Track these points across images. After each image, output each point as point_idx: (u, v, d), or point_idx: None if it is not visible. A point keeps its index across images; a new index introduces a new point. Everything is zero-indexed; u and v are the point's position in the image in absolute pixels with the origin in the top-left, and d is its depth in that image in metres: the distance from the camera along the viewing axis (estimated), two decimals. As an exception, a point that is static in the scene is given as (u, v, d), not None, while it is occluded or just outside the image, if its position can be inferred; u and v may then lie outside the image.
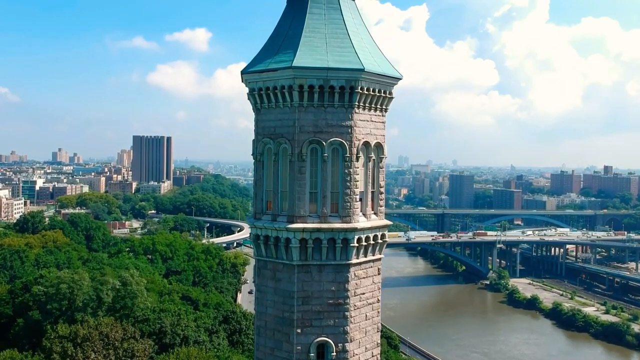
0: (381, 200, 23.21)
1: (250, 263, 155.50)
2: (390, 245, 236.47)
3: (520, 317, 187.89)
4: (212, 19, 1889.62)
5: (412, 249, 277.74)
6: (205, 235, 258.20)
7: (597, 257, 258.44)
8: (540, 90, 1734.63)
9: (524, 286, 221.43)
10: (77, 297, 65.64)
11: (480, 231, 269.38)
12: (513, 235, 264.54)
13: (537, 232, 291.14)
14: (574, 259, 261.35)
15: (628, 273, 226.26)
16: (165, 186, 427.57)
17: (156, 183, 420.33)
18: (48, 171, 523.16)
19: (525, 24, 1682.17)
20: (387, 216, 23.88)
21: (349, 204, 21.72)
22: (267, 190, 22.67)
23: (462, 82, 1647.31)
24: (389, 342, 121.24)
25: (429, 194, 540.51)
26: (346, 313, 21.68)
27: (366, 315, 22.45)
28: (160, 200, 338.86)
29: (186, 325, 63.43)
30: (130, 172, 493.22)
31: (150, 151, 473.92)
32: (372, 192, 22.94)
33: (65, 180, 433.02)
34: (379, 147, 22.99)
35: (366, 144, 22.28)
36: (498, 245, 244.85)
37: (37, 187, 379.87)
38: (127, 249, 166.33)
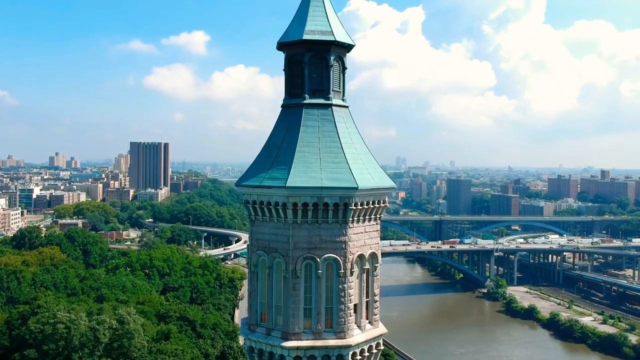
0: (376, 308, 23.11)
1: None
2: (390, 254, 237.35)
3: (518, 327, 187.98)
4: (210, 21, 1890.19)
5: (410, 256, 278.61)
6: (203, 246, 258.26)
7: (595, 263, 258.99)
8: (536, 91, 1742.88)
9: (522, 295, 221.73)
10: (74, 337, 65.40)
11: (450, 240, 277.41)
12: (497, 243, 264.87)
13: (529, 239, 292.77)
14: (571, 265, 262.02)
15: (625, 282, 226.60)
16: (163, 193, 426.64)
17: (153, 190, 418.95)
18: (45, 177, 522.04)
19: (520, 25, 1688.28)
20: (384, 223, 23.85)
21: (343, 319, 21.63)
22: (262, 302, 22.58)
23: (458, 84, 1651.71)
24: (387, 359, 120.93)
25: (426, 197, 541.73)
26: None
27: None
28: (157, 209, 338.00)
29: (183, 369, 63.43)
30: (127, 178, 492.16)
31: (148, 157, 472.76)
32: (367, 302, 22.85)
33: (62, 188, 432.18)
34: (374, 256, 22.89)
35: (360, 256, 22.20)
36: (495, 253, 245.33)
37: (34, 196, 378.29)
38: (124, 264, 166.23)
